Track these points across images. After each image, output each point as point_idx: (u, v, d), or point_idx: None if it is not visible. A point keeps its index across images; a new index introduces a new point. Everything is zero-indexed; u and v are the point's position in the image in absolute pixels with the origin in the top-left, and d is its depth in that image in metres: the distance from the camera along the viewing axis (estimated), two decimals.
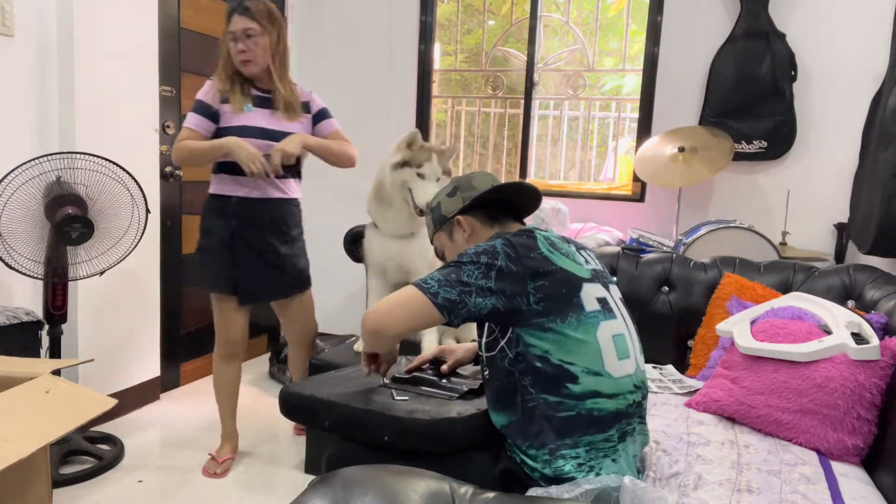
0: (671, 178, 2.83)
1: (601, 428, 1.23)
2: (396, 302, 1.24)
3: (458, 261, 1.26)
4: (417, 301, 1.22)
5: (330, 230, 3.81)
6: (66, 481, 2.18)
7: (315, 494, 0.91)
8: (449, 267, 1.26)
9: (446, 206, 1.47)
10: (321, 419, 1.35)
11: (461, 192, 1.46)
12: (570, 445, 1.21)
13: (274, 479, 2.32)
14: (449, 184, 1.51)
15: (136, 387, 2.84)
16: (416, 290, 1.23)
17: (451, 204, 1.46)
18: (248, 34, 2.10)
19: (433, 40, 3.67)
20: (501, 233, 1.37)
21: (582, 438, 1.21)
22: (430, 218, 1.51)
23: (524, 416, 1.24)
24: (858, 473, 1.51)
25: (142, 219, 2.30)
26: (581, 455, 1.21)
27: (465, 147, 3.93)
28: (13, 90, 2.33)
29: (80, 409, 1.36)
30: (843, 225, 2.95)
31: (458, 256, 1.28)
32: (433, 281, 1.23)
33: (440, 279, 1.23)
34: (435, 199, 1.50)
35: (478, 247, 1.28)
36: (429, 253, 2.27)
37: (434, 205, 1.50)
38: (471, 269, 1.23)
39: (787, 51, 2.95)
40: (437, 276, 1.24)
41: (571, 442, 1.21)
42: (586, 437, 1.22)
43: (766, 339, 1.74)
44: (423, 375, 1.52)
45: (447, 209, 1.47)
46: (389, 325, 1.25)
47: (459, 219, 1.45)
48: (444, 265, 1.28)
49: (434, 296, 1.21)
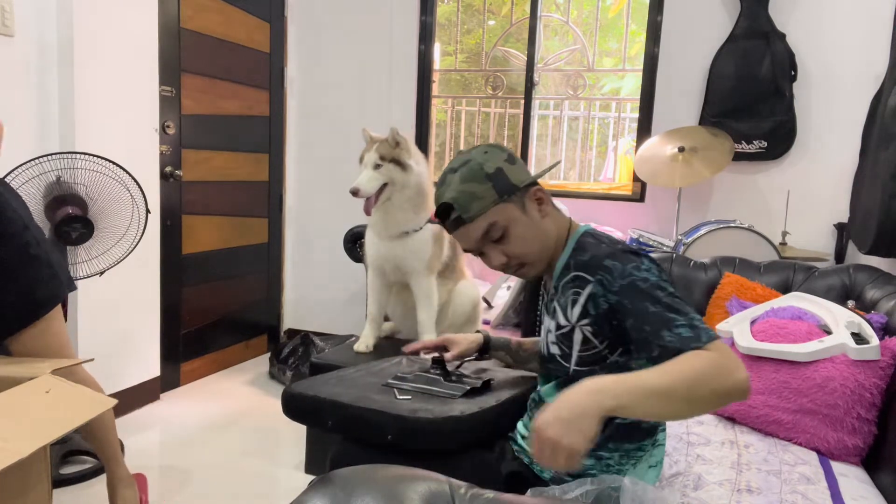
0: (671, 178, 2.83)
1: (647, 435, 1.23)
2: (717, 361, 1.01)
3: (656, 287, 1.09)
4: (720, 347, 1.03)
5: (330, 230, 3.81)
6: (66, 481, 2.17)
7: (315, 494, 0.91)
8: (664, 298, 1.08)
9: (515, 174, 1.21)
10: (324, 419, 1.35)
11: (520, 164, 1.24)
12: (610, 449, 1.20)
13: (274, 479, 2.32)
14: (487, 147, 1.23)
15: (136, 387, 2.84)
16: (713, 347, 1.02)
17: (518, 172, 1.22)
18: None
19: (433, 40, 3.67)
20: (571, 220, 1.28)
21: (622, 444, 1.21)
22: (486, 188, 1.18)
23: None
24: (858, 473, 1.51)
25: (142, 219, 2.30)
26: (614, 458, 1.20)
27: (465, 147, 3.93)
28: (13, 90, 2.33)
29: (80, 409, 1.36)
30: (843, 225, 2.95)
31: (645, 285, 1.09)
32: (696, 321, 1.06)
33: (693, 318, 1.06)
34: (487, 163, 1.19)
35: (644, 264, 1.12)
36: (425, 252, 2.25)
37: (492, 171, 1.19)
38: (671, 287, 1.10)
39: (787, 51, 2.95)
40: (687, 320, 1.06)
41: (613, 447, 1.20)
42: (628, 443, 1.21)
43: (766, 339, 1.74)
44: (426, 374, 1.52)
45: (517, 177, 1.21)
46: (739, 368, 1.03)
47: (541, 188, 1.24)
48: (654, 298, 1.08)
49: (709, 337, 1.04)
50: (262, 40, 3.58)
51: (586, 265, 1.17)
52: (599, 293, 1.13)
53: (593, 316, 1.15)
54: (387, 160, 2.13)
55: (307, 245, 3.93)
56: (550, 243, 1.24)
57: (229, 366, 3.53)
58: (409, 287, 2.33)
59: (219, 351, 3.41)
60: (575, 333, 1.18)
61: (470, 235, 1.21)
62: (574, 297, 1.18)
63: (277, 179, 3.82)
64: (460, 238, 1.23)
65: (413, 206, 2.21)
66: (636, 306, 1.09)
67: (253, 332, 3.73)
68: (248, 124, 3.53)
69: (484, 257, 1.24)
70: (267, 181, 3.71)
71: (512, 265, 1.23)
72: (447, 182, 1.21)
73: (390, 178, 2.15)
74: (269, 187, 3.74)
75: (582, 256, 1.19)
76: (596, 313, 1.15)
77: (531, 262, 1.23)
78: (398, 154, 2.15)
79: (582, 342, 1.18)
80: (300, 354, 3.23)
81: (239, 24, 3.36)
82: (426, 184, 2.22)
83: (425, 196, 2.23)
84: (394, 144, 2.15)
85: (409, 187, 2.17)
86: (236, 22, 3.34)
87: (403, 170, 2.15)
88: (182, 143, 3.05)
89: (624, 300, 1.10)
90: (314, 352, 3.15)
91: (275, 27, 3.67)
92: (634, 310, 1.09)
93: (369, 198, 2.15)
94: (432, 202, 2.27)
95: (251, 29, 3.46)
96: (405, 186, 2.16)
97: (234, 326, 3.53)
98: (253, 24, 3.48)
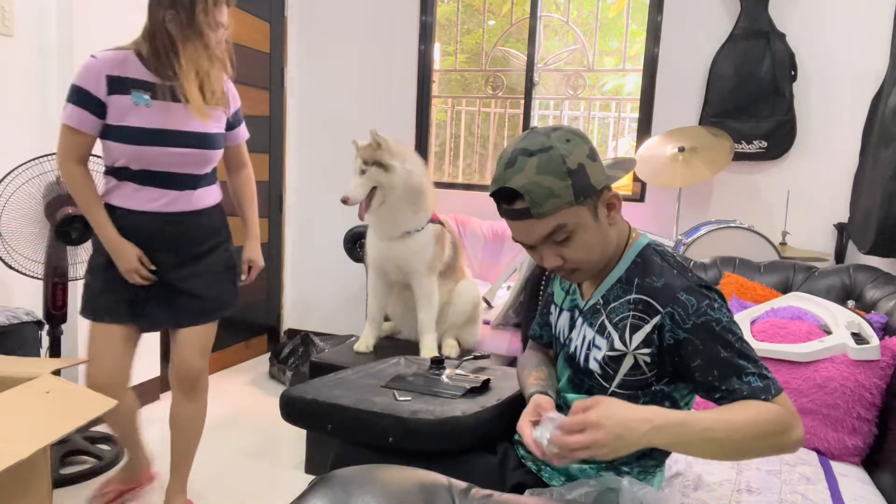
0: (671, 178, 2.83)
1: (667, 453, 1.22)
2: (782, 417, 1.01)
3: (728, 330, 1.06)
4: (785, 402, 1.03)
5: (330, 230, 3.81)
6: (66, 481, 2.18)
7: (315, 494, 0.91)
8: (735, 343, 1.05)
9: (595, 173, 1.07)
10: (323, 422, 1.34)
11: (599, 160, 1.10)
12: (632, 465, 1.19)
13: (274, 479, 2.32)
14: (570, 135, 1.08)
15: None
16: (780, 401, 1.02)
17: (598, 171, 1.08)
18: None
19: (433, 40, 3.67)
20: (631, 228, 1.21)
21: (643, 461, 1.19)
22: (564, 185, 1.04)
23: None
24: (858, 473, 1.51)
25: None
26: (633, 473, 1.19)
27: (465, 147, 3.93)
28: (13, 90, 2.33)
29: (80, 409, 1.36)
30: (843, 225, 2.95)
31: (718, 327, 1.05)
32: (766, 371, 1.05)
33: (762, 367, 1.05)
34: (570, 156, 1.05)
35: (717, 302, 1.08)
36: (427, 253, 2.25)
37: (574, 167, 1.05)
38: (740, 331, 1.08)
39: (787, 51, 2.95)
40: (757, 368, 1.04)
41: (636, 463, 1.19)
42: (649, 460, 1.20)
43: (766, 338, 1.74)
44: (425, 375, 1.51)
45: (596, 177, 1.07)
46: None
47: (616, 194, 1.12)
48: (726, 342, 1.05)
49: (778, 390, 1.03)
50: (262, 40, 3.58)
51: (657, 293, 1.10)
52: (668, 326, 1.08)
53: (656, 347, 1.10)
54: (370, 164, 2.14)
55: (307, 245, 3.93)
56: (609, 253, 1.16)
57: (229, 366, 3.53)
58: (409, 287, 2.33)
59: (219, 351, 3.41)
60: (626, 359, 1.12)
61: (532, 231, 1.08)
62: (637, 323, 1.11)
63: (277, 179, 3.82)
64: (518, 230, 1.10)
65: (410, 205, 2.20)
66: (707, 348, 1.05)
67: (253, 332, 3.73)
68: (248, 124, 3.49)
69: (533, 252, 1.14)
70: (267, 181, 3.71)
71: (565, 268, 1.14)
72: (518, 165, 1.05)
73: (377, 181, 2.14)
74: (269, 187, 3.74)
75: (650, 279, 1.12)
76: (659, 345, 1.09)
77: (585, 270, 1.15)
78: (380, 156, 2.14)
79: (631, 368, 1.12)
80: (300, 354, 3.23)
81: (239, 23, 3.34)
82: (419, 182, 2.20)
83: (421, 194, 2.21)
84: (375, 147, 2.15)
85: (396, 187, 2.15)
86: (236, 22, 3.31)
87: (387, 171, 2.14)
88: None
89: (695, 339, 1.06)
90: (314, 352, 3.15)
91: (275, 27, 3.67)
92: (705, 351, 1.05)
93: (361, 203, 2.16)
94: (431, 201, 2.27)
95: (251, 29, 3.46)
96: (392, 187, 2.15)
97: (234, 326, 3.53)
98: (253, 24, 3.48)
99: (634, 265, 1.16)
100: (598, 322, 1.18)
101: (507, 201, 1.08)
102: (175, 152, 1.75)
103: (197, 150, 1.79)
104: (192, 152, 1.78)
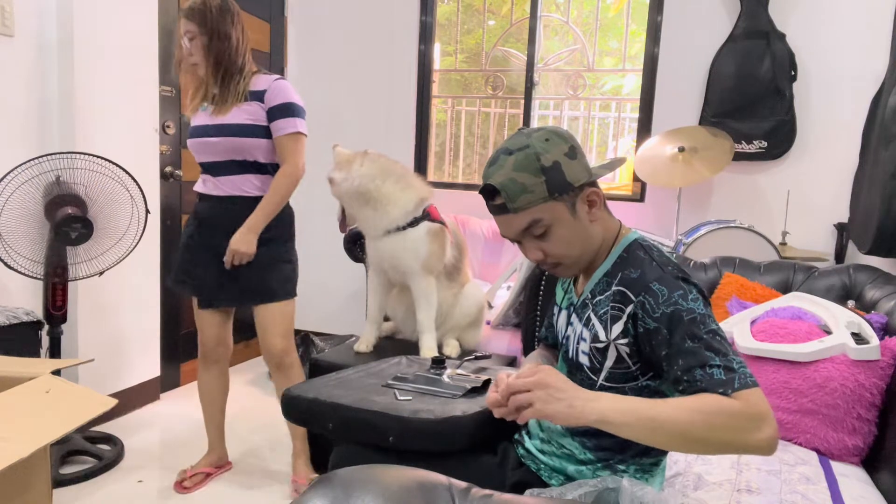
0: (671, 178, 2.83)
1: (665, 451, 1.22)
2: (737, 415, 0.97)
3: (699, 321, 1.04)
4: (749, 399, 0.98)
5: (330, 230, 3.81)
6: (66, 481, 2.18)
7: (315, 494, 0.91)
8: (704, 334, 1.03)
9: (572, 171, 1.12)
10: (324, 422, 1.34)
11: (581, 159, 1.14)
12: (628, 463, 1.19)
13: (274, 479, 2.32)
14: (550, 134, 1.13)
15: (136, 387, 2.84)
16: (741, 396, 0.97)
17: (578, 170, 1.13)
18: (189, 37, 2.01)
19: (433, 40, 3.67)
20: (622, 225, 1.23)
21: (640, 459, 1.19)
22: (538, 182, 1.10)
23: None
24: (858, 473, 1.51)
25: (141, 219, 2.30)
26: (629, 471, 1.19)
27: (465, 147, 3.93)
28: (13, 90, 2.33)
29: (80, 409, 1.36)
30: (843, 225, 2.95)
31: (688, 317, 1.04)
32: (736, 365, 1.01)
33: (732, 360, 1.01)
34: (545, 154, 1.11)
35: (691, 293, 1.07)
36: (420, 251, 2.24)
37: (548, 164, 1.10)
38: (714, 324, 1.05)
39: (787, 51, 2.96)
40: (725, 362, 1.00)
41: (631, 461, 1.19)
42: (645, 458, 1.20)
43: (766, 339, 1.74)
44: (426, 374, 1.52)
45: (574, 175, 1.12)
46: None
47: (596, 191, 1.16)
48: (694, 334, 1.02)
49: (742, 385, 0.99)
50: (262, 40, 3.58)
51: (632, 283, 1.12)
52: (640, 315, 1.09)
53: (632, 336, 1.11)
54: (334, 183, 2.22)
55: (307, 245, 3.93)
56: (593, 248, 1.19)
57: (229, 366, 3.53)
58: (409, 288, 2.33)
59: None
60: (609, 350, 1.14)
61: (511, 225, 1.15)
62: (615, 314, 1.13)
63: None
64: (500, 224, 1.18)
65: (370, 207, 2.21)
66: (674, 338, 1.04)
67: (253, 332, 3.71)
68: None
69: (521, 247, 1.20)
70: None
71: (548, 262, 1.18)
72: (498, 163, 1.12)
73: (337, 196, 2.24)
74: None
75: (629, 271, 1.14)
76: (634, 334, 1.11)
77: (568, 265, 1.18)
78: (329, 172, 2.24)
79: (615, 360, 1.14)
80: (300, 354, 3.22)
81: None
82: (367, 185, 2.18)
83: (373, 194, 2.19)
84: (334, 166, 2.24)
85: (341, 197, 2.23)
86: None
87: (332, 185, 2.22)
88: (182, 143, 3.05)
89: (662, 328, 1.05)
90: (314, 351, 3.16)
91: (275, 27, 3.67)
92: (672, 341, 1.04)
93: (337, 218, 2.30)
94: (401, 198, 2.25)
95: (251, 29, 3.46)
96: (339, 197, 2.25)
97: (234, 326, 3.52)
98: (253, 24, 3.48)
99: (620, 260, 1.18)
100: (586, 315, 1.20)
101: (490, 197, 1.15)
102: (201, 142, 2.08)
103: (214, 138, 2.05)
104: (210, 141, 2.06)
